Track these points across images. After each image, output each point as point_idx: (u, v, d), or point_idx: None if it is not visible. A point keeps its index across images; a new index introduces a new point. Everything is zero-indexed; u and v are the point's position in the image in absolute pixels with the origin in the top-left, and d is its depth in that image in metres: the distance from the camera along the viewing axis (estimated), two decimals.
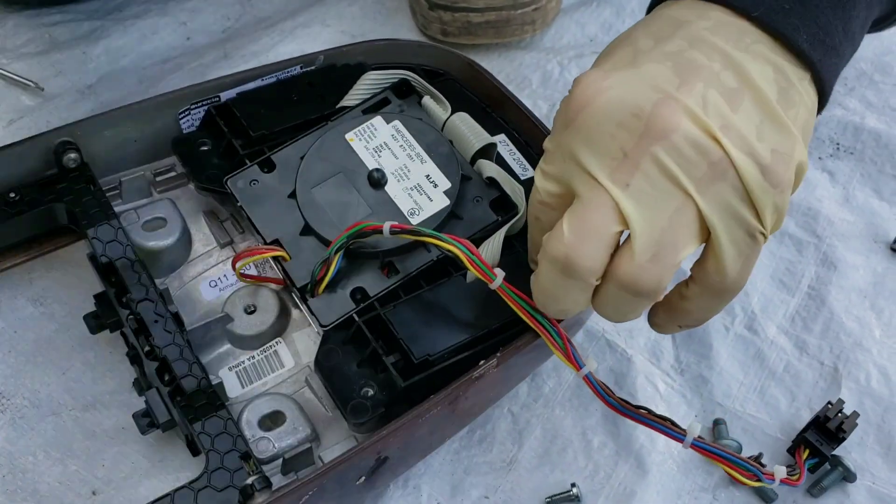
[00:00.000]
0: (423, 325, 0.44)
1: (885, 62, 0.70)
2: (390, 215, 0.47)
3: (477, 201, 0.48)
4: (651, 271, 0.37)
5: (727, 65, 0.38)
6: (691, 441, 0.41)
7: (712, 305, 0.40)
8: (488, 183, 0.49)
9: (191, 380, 0.44)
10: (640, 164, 0.36)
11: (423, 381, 0.43)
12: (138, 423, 0.44)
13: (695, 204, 0.37)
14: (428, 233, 0.43)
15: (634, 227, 0.37)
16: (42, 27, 0.69)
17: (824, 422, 0.47)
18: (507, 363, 0.44)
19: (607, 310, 0.40)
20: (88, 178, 0.50)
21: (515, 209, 0.48)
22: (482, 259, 0.42)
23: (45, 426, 0.48)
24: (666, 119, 0.36)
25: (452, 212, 0.47)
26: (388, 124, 0.50)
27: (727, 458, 0.42)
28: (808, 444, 0.47)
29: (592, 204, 0.37)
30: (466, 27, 0.69)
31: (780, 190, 0.37)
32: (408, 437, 0.42)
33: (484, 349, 0.44)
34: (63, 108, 0.64)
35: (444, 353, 0.44)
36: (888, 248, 0.60)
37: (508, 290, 0.42)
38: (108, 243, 0.48)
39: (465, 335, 0.44)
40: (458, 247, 0.42)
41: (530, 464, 0.48)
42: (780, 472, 0.43)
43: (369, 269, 0.46)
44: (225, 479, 0.41)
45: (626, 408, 0.42)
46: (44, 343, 0.51)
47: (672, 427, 0.42)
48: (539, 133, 0.54)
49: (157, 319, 0.45)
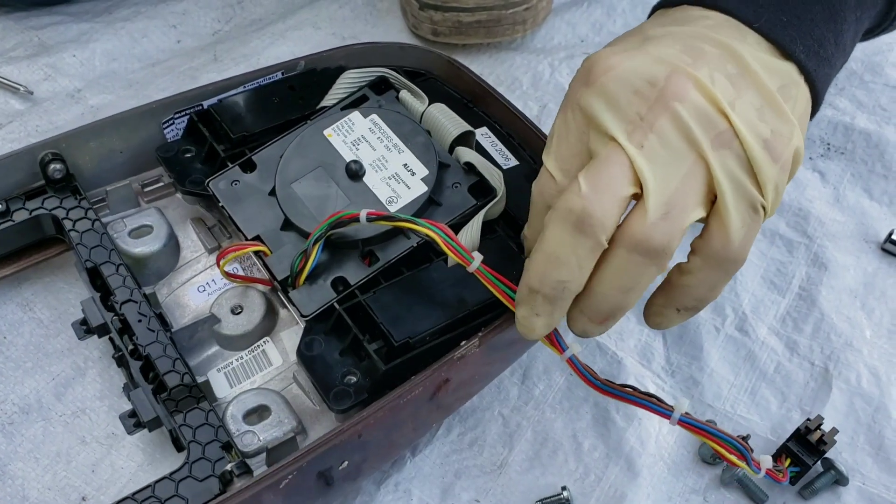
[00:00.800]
0: (403, 309, 0.44)
1: (876, 62, 0.70)
2: (368, 204, 0.47)
3: (455, 187, 0.48)
4: (662, 228, 0.38)
5: (731, 55, 0.41)
6: (678, 417, 0.41)
7: (714, 279, 0.41)
8: (466, 169, 0.49)
9: (173, 375, 0.44)
10: (654, 126, 0.38)
11: (405, 364, 0.43)
12: (125, 424, 0.44)
13: (704, 168, 0.39)
14: (404, 218, 0.43)
15: (648, 185, 0.38)
16: (31, 30, 0.69)
17: (805, 434, 0.47)
18: (489, 343, 0.43)
19: (610, 282, 0.39)
20: (74, 188, 0.51)
21: (493, 192, 0.48)
22: (459, 242, 0.42)
23: (35, 432, 0.47)
24: (679, 87, 0.39)
25: (431, 198, 0.48)
26: (366, 118, 0.51)
27: (715, 434, 0.41)
28: (790, 452, 0.47)
29: (610, 160, 0.38)
30: (457, 27, 0.69)
31: (779, 166, 0.39)
32: (390, 419, 0.42)
33: (466, 331, 0.44)
34: (52, 112, 0.63)
35: (425, 336, 0.44)
36: (878, 247, 0.60)
37: (487, 273, 0.42)
38: (92, 248, 0.48)
39: (445, 318, 0.44)
40: (435, 230, 0.42)
41: (521, 467, 0.48)
42: (767, 462, 0.42)
43: (350, 259, 0.46)
44: (206, 469, 0.41)
45: (611, 387, 0.42)
46: (32, 348, 0.51)
47: (658, 403, 0.41)
48: (521, 125, 0.54)
49: (140, 319, 0.46)
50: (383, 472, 0.48)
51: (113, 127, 0.52)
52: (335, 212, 0.44)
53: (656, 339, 0.55)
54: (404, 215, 0.44)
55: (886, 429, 0.51)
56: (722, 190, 0.39)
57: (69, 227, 0.49)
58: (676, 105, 0.39)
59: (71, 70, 0.67)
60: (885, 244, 0.60)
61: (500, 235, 0.48)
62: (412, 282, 0.46)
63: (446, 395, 0.45)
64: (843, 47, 0.46)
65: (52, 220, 0.50)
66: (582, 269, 0.39)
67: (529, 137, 0.54)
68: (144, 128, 0.53)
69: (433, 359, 0.43)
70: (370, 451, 0.43)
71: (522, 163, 0.54)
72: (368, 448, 0.43)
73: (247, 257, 0.51)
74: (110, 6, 0.72)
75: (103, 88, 0.66)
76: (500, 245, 0.48)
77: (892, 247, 0.59)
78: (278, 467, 0.39)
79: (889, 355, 0.54)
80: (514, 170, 0.53)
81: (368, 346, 0.44)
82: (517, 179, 0.51)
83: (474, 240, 0.46)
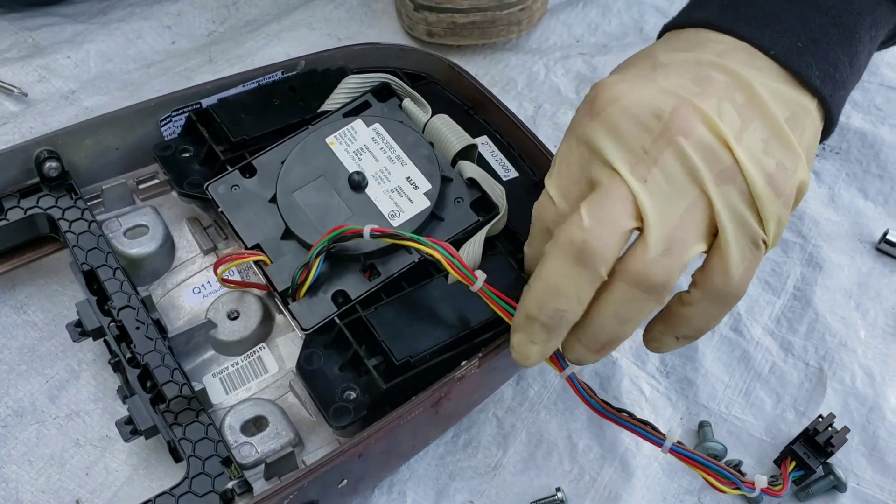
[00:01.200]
0: (404, 326, 0.44)
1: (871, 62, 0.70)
2: (371, 218, 0.47)
3: (458, 202, 0.48)
4: (662, 265, 0.38)
5: (740, 84, 0.41)
6: (669, 446, 0.41)
7: (713, 312, 0.41)
8: (469, 184, 0.49)
9: (172, 386, 0.44)
10: (659, 161, 0.38)
11: (405, 382, 0.43)
12: (121, 431, 0.44)
13: (706, 203, 0.38)
14: (408, 236, 0.43)
15: (649, 220, 0.38)
16: (25, 31, 0.69)
17: (813, 435, 0.47)
18: (488, 364, 0.44)
19: (608, 313, 0.39)
20: (69, 187, 0.50)
21: (496, 209, 0.48)
22: (462, 262, 0.42)
23: (29, 435, 0.47)
24: (684, 121, 0.39)
25: (433, 213, 0.47)
26: (369, 127, 0.50)
27: (705, 464, 0.41)
28: (795, 455, 0.47)
29: (613, 194, 0.38)
30: (452, 28, 0.69)
31: (782, 200, 0.39)
32: (390, 439, 0.42)
33: (466, 350, 0.44)
34: (46, 113, 0.63)
35: (426, 355, 0.44)
36: (873, 248, 0.60)
37: (489, 293, 0.42)
38: (89, 251, 0.48)
39: (446, 336, 0.44)
40: (438, 249, 0.42)
41: (515, 468, 0.48)
42: (762, 482, 0.42)
43: (351, 272, 0.46)
44: (206, 485, 0.41)
45: (607, 410, 0.42)
46: (27, 351, 0.51)
47: (652, 431, 0.42)
48: (521, 134, 0.54)
49: (138, 326, 0.45)
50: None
51: (109, 124, 0.52)
52: (338, 225, 0.44)
53: None
54: (408, 233, 0.43)
55: (881, 429, 0.51)
56: (723, 225, 0.39)
57: (65, 227, 0.49)
58: (681, 140, 0.38)
59: (65, 71, 0.66)
60: (879, 244, 0.60)
61: (500, 252, 0.48)
62: (413, 298, 0.46)
63: (446, 412, 0.45)
64: (858, 68, 0.46)
65: (48, 219, 0.49)
66: (581, 300, 0.39)
67: (529, 148, 0.54)
68: (141, 125, 0.52)
69: (433, 377, 0.43)
70: (369, 469, 0.43)
71: (522, 174, 0.53)
72: (368, 465, 0.43)
73: None
74: (105, 7, 0.72)
75: (98, 90, 0.65)
76: (501, 262, 0.47)
77: (886, 247, 0.59)
78: (279, 487, 0.39)
79: (883, 355, 0.54)
80: (514, 182, 0.53)
81: (368, 361, 0.44)
82: (517, 192, 0.51)
83: (476, 257, 0.46)
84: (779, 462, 0.48)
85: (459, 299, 0.45)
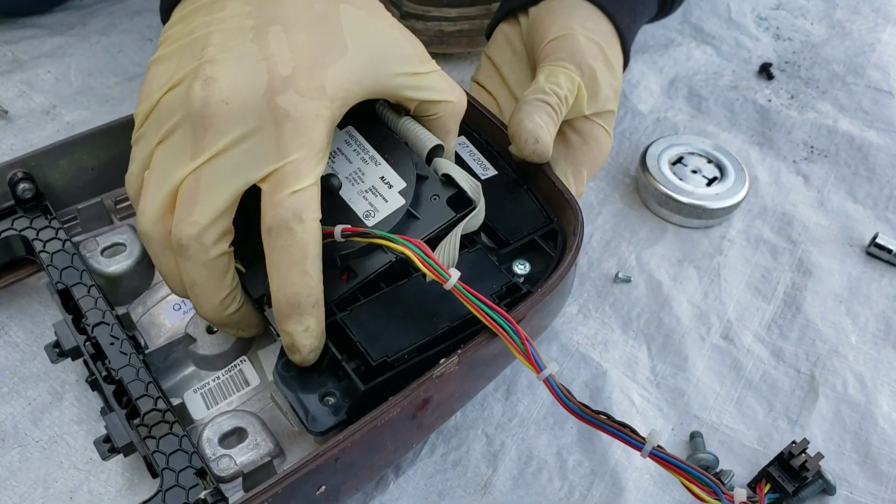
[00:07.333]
0: (380, 327, 0.44)
1: (857, 63, 0.70)
2: (345, 219, 0.46)
3: (434, 199, 0.48)
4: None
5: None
6: (649, 450, 0.40)
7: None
8: (444, 180, 0.48)
9: (147, 400, 0.43)
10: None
11: (384, 384, 0.42)
12: (99, 449, 0.43)
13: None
14: (379, 234, 0.43)
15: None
16: (5, 45, 0.68)
17: (788, 458, 0.46)
18: (468, 360, 0.43)
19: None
20: (44, 208, 0.50)
21: (472, 204, 0.47)
22: (435, 259, 0.41)
23: (11, 459, 0.47)
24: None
25: (409, 211, 0.47)
26: (342, 130, 0.50)
27: (686, 470, 0.40)
28: (770, 478, 0.46)
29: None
30: (439, 36, 0.68)
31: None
32: (367, 442, 0.41)
33: (446, 349, 0.44)
34: (27, 129, 0.62)
35: (403, 354, 0.43)
36: (863, 251, 0.60)
37: (463, 291, 0.41)
38: (63, 270, 0.47)
39: (423, 335, 0.44)
40: (409, 247, 0.41)
41: (505, 486, 0.48)
42: (741, 496, 0.40)
43: (327, 275, 0.46)
44: (180, 497, 0.40)
45: (585, 413, 0.41)
46: (9, 373, 0.50)
47: (631, 434, 0.41)
48: (499, 132, 0.54)
49: (112, 342, 0.45)
50: (367, 494, 0.47)
51: (83, 143, 0.51)
52: None
53: (641, 349, 0.54)
54: (380, 231, 0.43)
55: (873, 436, 0.50)
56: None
57: (39, 248, 0.48)
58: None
59: (46, 86, 0.66)
60: (869, 248, 0.59)
61: (479, 248, 0.48)
62: (390, 298, 0.45)
63: (427, 414, 0.44)
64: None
65: (23, 241, 0.49)
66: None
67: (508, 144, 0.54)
68: (115, 144, 0.52)
69: (414, 377, 0.42)
70: (349, 474, 0.43)
71: (501, 173, 0.53)
72: (347, 471, 0.42)
73: None
74: (84, 16, 0.71)
75: (79, 105, 0.65)
76: (479, 258, 0.47)
77: (876, 250, 0.59)
78: (252, 495, 0.38)
79: (875, 361, 0.54)
80: (492, 180, 0.52)
81: (346, 365, 0.43)
82: (497, 190, 0.51)
83: (454, 254, 0.46)
84: (753, 484, 0.47)
85: (438, 298, 0.44)
